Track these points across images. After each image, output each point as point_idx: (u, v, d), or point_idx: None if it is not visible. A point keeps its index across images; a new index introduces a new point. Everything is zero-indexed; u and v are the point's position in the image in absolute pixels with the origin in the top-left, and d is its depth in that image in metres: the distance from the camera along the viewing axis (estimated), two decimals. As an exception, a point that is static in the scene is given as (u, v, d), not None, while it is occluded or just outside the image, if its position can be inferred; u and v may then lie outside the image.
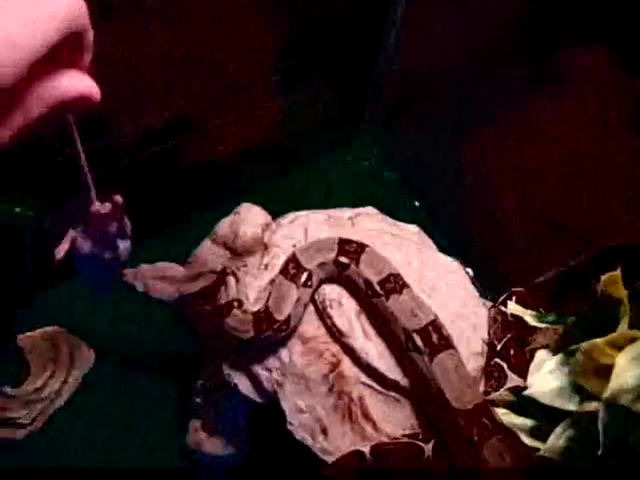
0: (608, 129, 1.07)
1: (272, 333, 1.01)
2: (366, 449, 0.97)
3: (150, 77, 1.22)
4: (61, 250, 0.85)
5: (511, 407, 0.96)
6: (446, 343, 0.98)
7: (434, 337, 0.98)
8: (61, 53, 0.50)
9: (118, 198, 0.79)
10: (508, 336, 1.07)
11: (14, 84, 0.46)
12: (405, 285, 1.03)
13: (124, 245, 0.88)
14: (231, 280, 1.08)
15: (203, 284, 1.09)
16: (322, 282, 1.07)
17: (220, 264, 1.12)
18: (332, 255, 1.05)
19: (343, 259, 1.05)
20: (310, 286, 1.04)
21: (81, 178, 0.71)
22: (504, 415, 0.94)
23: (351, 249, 1.06)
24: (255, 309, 1.03)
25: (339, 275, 1.06)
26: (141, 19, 1.12)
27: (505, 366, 1.03)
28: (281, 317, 1.00)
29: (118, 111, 1.22)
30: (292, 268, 1.04)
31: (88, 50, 0.54)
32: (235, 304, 1.05)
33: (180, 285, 1.08)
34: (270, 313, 1.00)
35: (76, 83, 0.52)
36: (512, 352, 1.05)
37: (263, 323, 1.00)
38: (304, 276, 1.03)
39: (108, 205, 0.78)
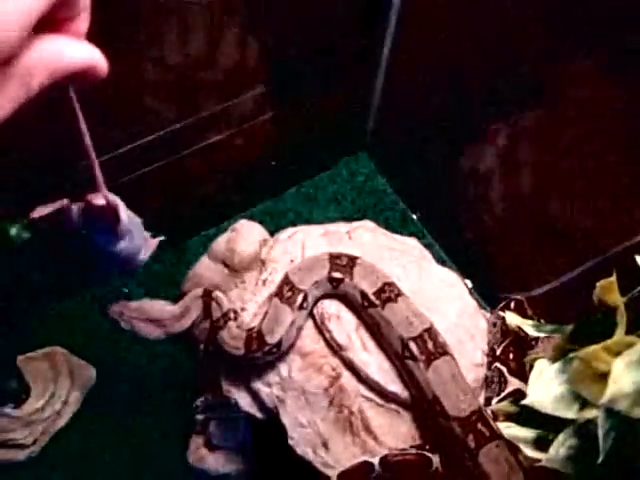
0: (603, 137, 1.08)
1: (261, 355, 1.01)
2: (375, 460, 0.97)
3: (144, 95, 1.23)
4: (41, 210, 0.79)
5: (512, 418, 0.96)
6: (442, 350, 0.98)
7: (430, 344, 0.98)
8: (56, 17, 0.44)
9: (113, 200, 0.75)
10: (507, 340, 1.07)
11: (17, 48, 0.40)
12: (400, 293, 1.03)
13: (123, 245, 0.84)
14: (219, 295, 1.08)
15: (193, 317, 1.09)
16: (318, 300, 1.07)
17: (205, 286, 1.12)
18: (325, 272, 1.05)
19: (336, 274, 1.05)
20: (306, 307, 1.04)
21: (87, 160, 0.66)
22: (506, 428, 0.93)
23: (343, 263, 1.06)
24: (252, 325, 1.03)
25: (334, 290, 1.06)
26: (136, 36, 1.12)
27: (505, 370, 1.04)
28: (272, 341, 1.00)
29: (111, 129, 1.22)
30: (287, 290, 1.03)
31: (84, 14, 0.46)
32: (232, 315, 1.05)
33: (167, 326, 1.08)
34: (262, 335, 1.00)
35: (82, 52, 0.45)
36: (511, 356, 1.05)
37: (253, 344, 1.00)
38: (299, 298, 1.03)
39: (102, 200, 0.74)
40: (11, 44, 0.39)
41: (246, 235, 1.23)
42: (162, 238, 0.90)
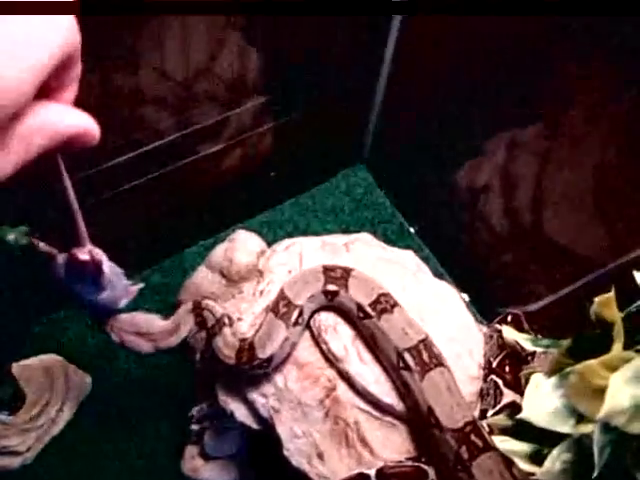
0: (606, 150, 1.08)
1: (250, 368, 1.01)
2: (371, 472, 0.97)
3: (143, 104, 1.23)
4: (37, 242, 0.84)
5: (507, 431, 0.96)
6: (437, 361, 0.98)
7: (425, 355, 0.98)
8: (51, 86, 0.47)
9: (97, 255, 0.77)
10: (503, 353, 1.07)
11: (21, 110, 0.43)
12: (396, 304, 1.03)
13: (104, 295, 0.86)
14: (209, 302, 1.07)
15: (184, 333, 1.08)
16: (314, 313, 1.07)
17: (200, 297, 1.11)
18: (320, 285, 1.05)
19: (331, 287, 1.05)
20: (301, 323, 1.04)
21: (71, 216, 0.68)
22: (501, 442, 0.93)
23: (337, 275, 1.06)
24: (248, 335, 1.03)
25: (330, 303, 1.06)
26: (136, 46, 1.13)
27: (501, 382, 1.04)
28: (263, 356, 0.99)
29: (109, 140, 1.22)
30: (283, 306, 1.03)
31: (74, 85, 0.50)
32: (226, 320, 1.04)
33: (157, 341, 1.07)
34: (254, 348, 1.00)
35: (78, 119, 0.49)
36: (507, 369, 1.06)
37: (244, 356, 1.00)
38: (295, 314, 1.02)
39: (86, 254, 0.76)
40: (17, 106, 0.42)
41: (244, 245, 1.24)
42: (141, 285, 0.92)
